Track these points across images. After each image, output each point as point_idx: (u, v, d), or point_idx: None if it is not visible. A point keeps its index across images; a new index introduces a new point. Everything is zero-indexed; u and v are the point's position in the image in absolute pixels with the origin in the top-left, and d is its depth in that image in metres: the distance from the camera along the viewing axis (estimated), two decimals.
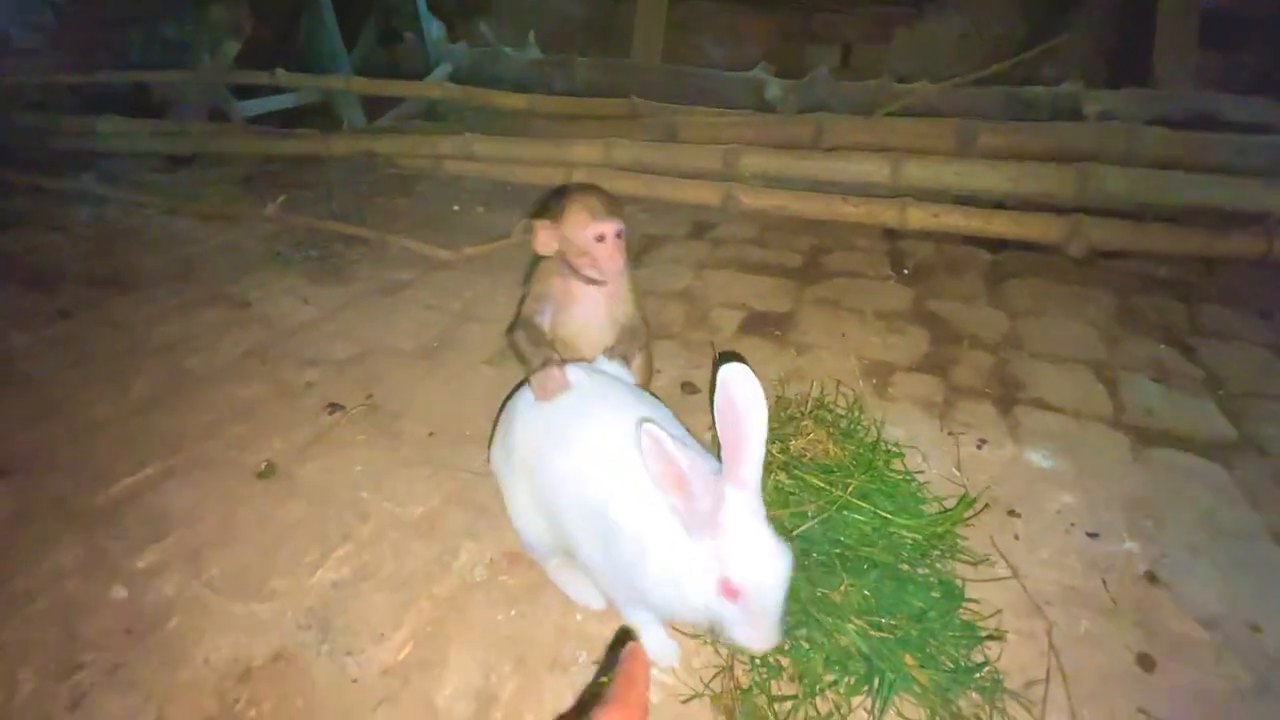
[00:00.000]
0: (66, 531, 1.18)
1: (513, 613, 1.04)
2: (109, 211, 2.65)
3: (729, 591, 0.76)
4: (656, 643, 0.96)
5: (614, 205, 1.14)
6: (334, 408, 1.49)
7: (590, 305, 1.19)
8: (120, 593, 1.08)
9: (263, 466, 1.32)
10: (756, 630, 0.78)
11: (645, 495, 0.81)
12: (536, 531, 1.02)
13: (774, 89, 3.33)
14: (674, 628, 1.00)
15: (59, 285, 2.06)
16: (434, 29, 4.15)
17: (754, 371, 0.79)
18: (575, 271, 1.16)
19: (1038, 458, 1.37)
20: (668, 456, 0.73)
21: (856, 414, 1.35)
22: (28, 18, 3.34)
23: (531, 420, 1.01)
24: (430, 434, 1.42)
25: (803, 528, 1.05)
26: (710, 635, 0.96)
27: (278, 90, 3.58)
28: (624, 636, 0.97)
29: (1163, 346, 1.76)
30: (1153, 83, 3.07)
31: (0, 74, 3.26)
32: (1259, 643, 1.01)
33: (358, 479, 1.29)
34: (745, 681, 0.91)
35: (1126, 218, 2.19)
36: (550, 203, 1.20)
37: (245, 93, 3.53)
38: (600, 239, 1.12)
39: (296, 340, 1.78)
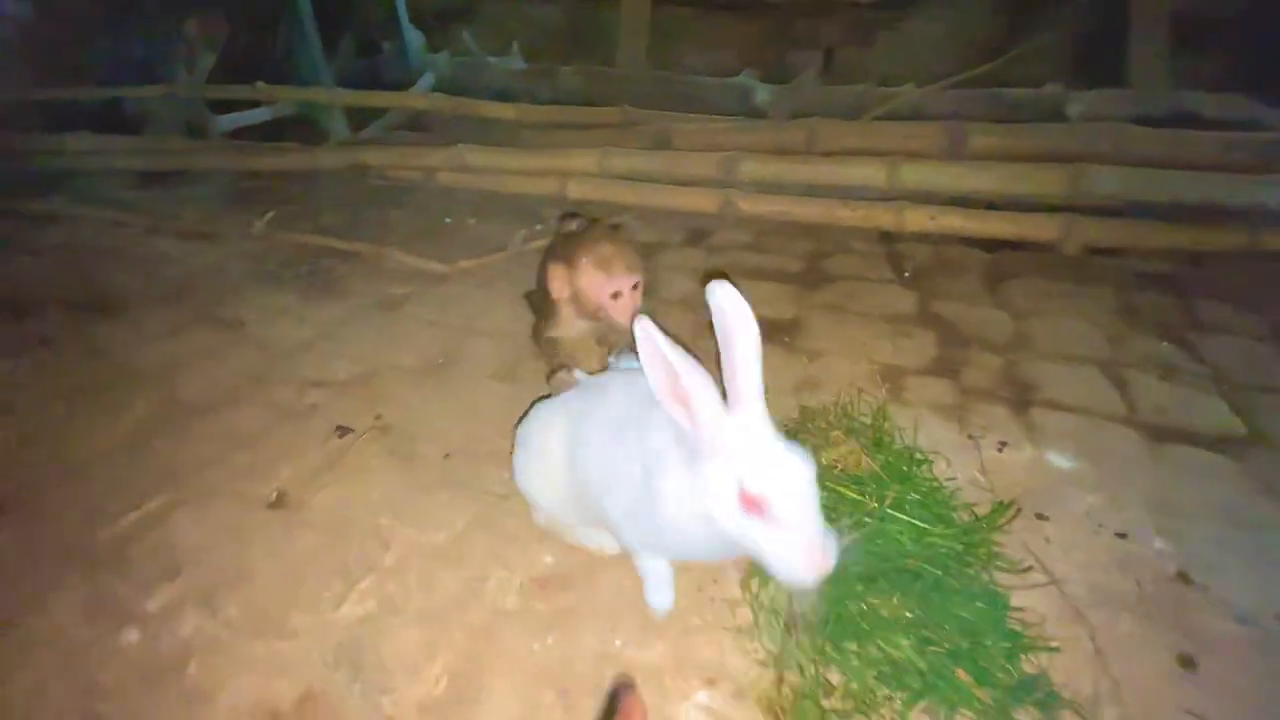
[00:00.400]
0: (70, 573, 1.13)
1: (548, 641, 1.01)
2: (86, 232, 2.55)
3: (750, 503, 0.74)
4: (656, 590, 1.01)
5: (630, 257, 1.08)
6: (342, 431, 1.45)
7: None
8: (132, 636, 1.03)
9: (273, 496, 1.27)
10: (798, 552, 0.74)
11: (663, 443, 0.84)
12: (558, 500, 1.07)
13: (762, 94, 3.34)
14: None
15: (39, 311, 1.97)
16: (415, 39, 4.09)
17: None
18: (590, 316, 1.13)
19: (1058, 459, 1.37)
20: (662, 354, 0.73)
21: (882, 422, 1.34)
22: None
23: (554, 413, 1.07)
24: (446, 455, 1.38)
25: (843, 543, 1.03)
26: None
27: (254, 104, 3.50)
28: (620, 680, 0.96)
29: (1165, 344, 1.78)
30: (1126, 82, 3.13)
31: None
32: None
33: (375, 505, 1.25)
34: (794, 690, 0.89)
35: (1116, 215, 2.23)
36: (565, 243, 1.15)
37: (221, 107, 3.44)
38: (616, 295, 1.08)
39: (295, 361, 1.73)
